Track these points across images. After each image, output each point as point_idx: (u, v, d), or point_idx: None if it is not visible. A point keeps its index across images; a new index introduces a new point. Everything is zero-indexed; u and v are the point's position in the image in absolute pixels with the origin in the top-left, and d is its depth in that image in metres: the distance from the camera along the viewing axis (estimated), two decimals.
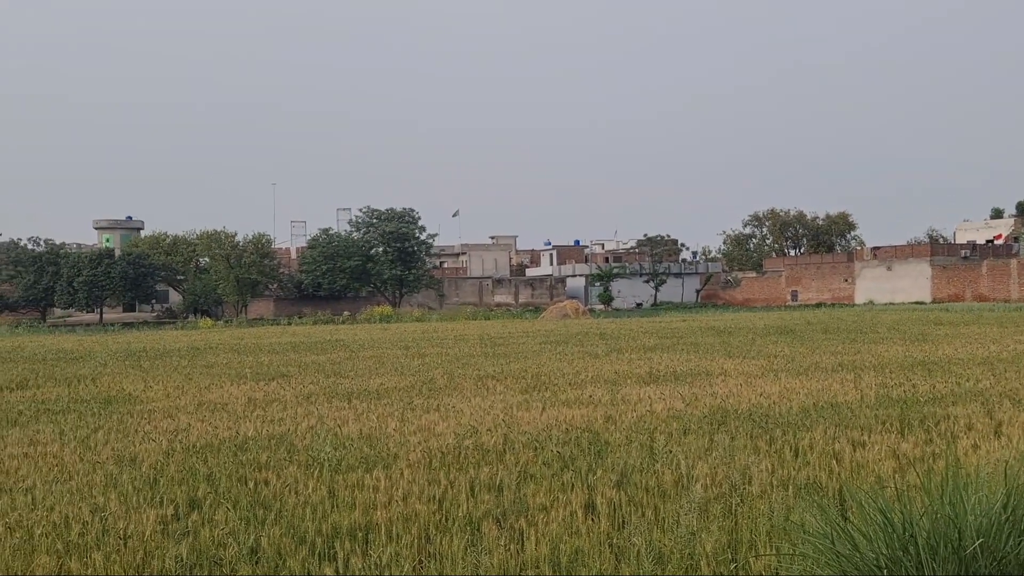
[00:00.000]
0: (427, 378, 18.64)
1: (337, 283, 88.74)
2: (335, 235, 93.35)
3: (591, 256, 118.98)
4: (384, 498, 7.78)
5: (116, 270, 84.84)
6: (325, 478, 8.62)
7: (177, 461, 9.70)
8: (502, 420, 12.01)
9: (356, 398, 15.39)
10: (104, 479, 8.84)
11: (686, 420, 11.74)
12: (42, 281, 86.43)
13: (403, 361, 24.09)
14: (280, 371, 21.59)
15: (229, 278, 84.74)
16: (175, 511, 7.48)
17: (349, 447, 10.23)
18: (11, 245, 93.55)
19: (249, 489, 8.26)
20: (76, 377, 21.11)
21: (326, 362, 24.45)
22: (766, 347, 26.36)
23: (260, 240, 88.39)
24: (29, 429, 12.52)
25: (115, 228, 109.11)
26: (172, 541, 6.67)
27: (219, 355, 28.91)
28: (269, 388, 17.36)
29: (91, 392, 17.56)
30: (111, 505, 7.65)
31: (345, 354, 27.96)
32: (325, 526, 6.99)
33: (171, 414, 13.83)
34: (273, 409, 14.12)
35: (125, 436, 11.60)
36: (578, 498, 7.59)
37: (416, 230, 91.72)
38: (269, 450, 10.21)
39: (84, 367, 24.58)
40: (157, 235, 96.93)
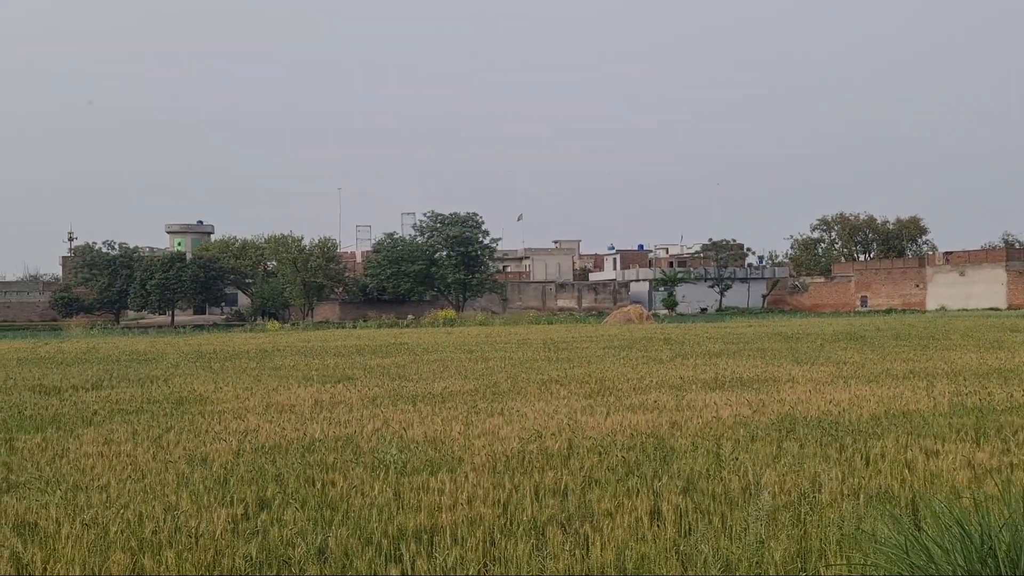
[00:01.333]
0: (491, 382, 18.68)
1: (401, 287, 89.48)
2: (400, 239, 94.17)
3: (655, 261, 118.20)
4: (449, 501, 7.81)
5: (187, 273, 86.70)
6: (391, 480, 8.68)
7: (247, 461, 9.85)
8: (566, 425, 11.98)
9: (421, 401, 15.48)
10: (176, 478, 9.01)
11: (753, 427, 11.59)
12: (116, 284, 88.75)
13: (467, 365, 24.18)
14: (346, 374, 21.82)
15: (296, 281, 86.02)
16: (245, 511, 7.59)
17: (414, 450, 10.30)
18: (86, 249, 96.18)
19: (316, 490, 8.35)
20: (149, 378, 21.58)
21: (391, 365, 24.65)
22: (835, 353, 25.90)
23: (326, 244, 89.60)
24: (104, 428, 12.82)
25: (186, 232, 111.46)
26: (242, 540, 6.77)
27: (286, 357, 29.34)
28: (335, 390, 17.56)
29: (163, 393, 17.93)
30: (183, 504, 7.80)
31: (409, 357, 28.17)
32: (391, 528, 7.03)
33: (240, 415, 14.05)
34: (339, 411, 14.27)
35: (196, 436, 11.82)
36: (644, 504, 7.53)
37: (480, 234, 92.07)
38: (336, 452, 10.32)
39: (156, 368, 25.13)
40: (227, 239, 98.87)
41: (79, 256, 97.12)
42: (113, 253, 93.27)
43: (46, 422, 13.73)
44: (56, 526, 7.10)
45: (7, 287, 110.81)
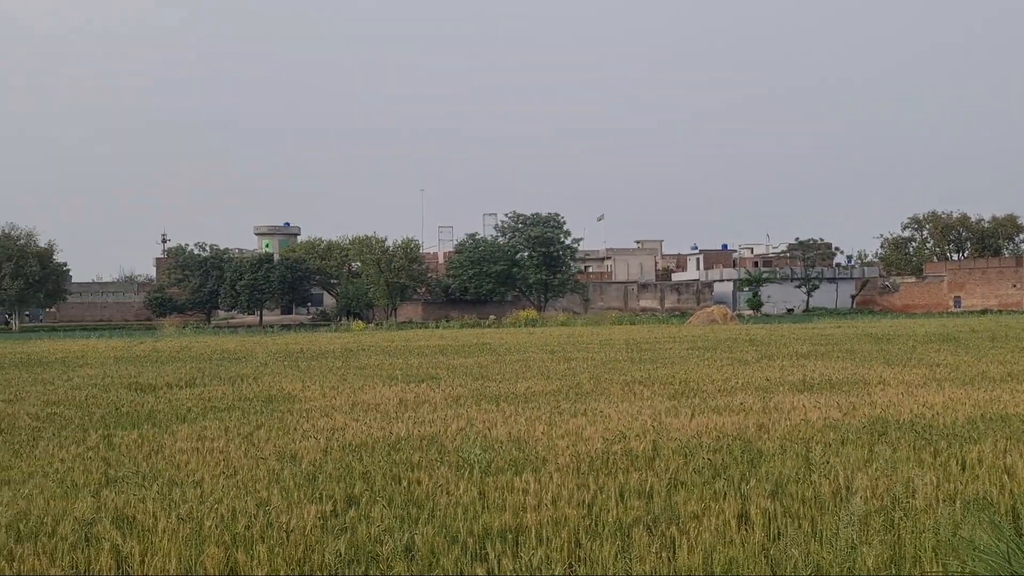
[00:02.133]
0: (573, 383, 18.65)
1: (483, 287, 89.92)
2: (481, 240, 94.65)
3: (739, 260, 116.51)
4: (534, 501, 7.82)
5: (275, 274, 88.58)
6: (475, 479, 8.73)
7: (334, 459, 10.02)
8: (650, 426, 11.89)
9: (504, 401, 15.54)
10: (267, 474, 9.21)
11: (843, 430, 11.34)
12: (207, 284, 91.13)
13: (549, 365, 24.19)
14: (429, 373, 22.02)
15: (379, 282, 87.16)
16: (333, 507, 7.72)
17: (498, 450, 10.33)
18: (179, 250, 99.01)
19: (403, 488, 8.45)
20: (239, 376, 22.11)
21: (473, 365, 24.80)
22: (927, 355, 25.19)
23: (409, 245, 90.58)
24: (197, 425, 13.17)
25: (274, 234, 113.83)
26: (331, 536, 6.88)
27: (371, 357, 29.75)
28: (419, 390, 17.73)
29: (253, 391, 18.35)
30: (274, 500, 7.96)
31: (492, 357, 28.30)
32: (476, 527, 7.07)
33: (327, 413, 14.30)
34: (423, 410, 14.41)
35: (285, 433, 12.07)
36: (731, 507, 7.43)
37: (561, 235, 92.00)
38: (421, 450, 10.42)
39: (246, 367, 25.73)
40: (312, 240, 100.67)
41: (172, 258, 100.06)
42: (204, 255, 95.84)
43: (142, 419, 14.17)
44: (153, 520, 7.31)
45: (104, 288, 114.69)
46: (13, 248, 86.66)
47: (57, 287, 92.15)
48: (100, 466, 9.98)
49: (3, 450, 11.26)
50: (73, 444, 11.55)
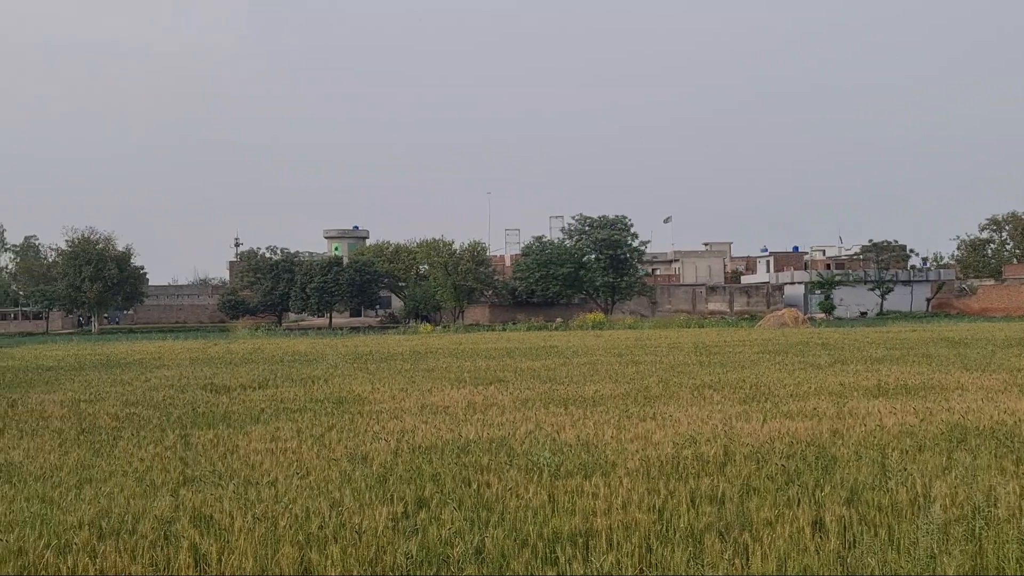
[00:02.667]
0: (642, 386, 18.53)
1: (550, 290, 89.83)
2: (548, 243, 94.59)
3: (811, 263, 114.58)
4: (604, 505, 7.79)
5: (344, 277, 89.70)
6: (545, 483, 8.73)
7: (404, 461, 10.10)
8: (721, 431, 11.76)
9: (572, 404, 15.51)
10: (339, 475, 9.33)
11: (920, 436, 11.08)
12: (278, 287, 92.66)
13: (617, 368, 24.08)
14: (497, 376, 22.08)
15: (447, 285, 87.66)
16: (404, 509, 7.79)
17: (567, 453, 10.32)
18: (251, 254, 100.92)
19: (472, 491, 8.48)
20: (310, 378, 22.44)
21: (541, 368, 24.80)
22: (1008, 360, 24.48)
23: (476, 248, 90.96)
24: (270, 426, 13.40)
25: (343, 237, 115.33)
26: (402, 537, 6.94)
27: (439, 359, 29.94)
28: (487, 392, 17.79)
29: (324, 392, 18.60)
30: (346, 500, 8.06)
31: (559, 360, 28.27)
32: (546, 530, 7.07)
33: (397, 415, 14.43)
34: (492, 413, 14.45)
35: (356, 435, 12.20)
36: (805, 514, 7.31)
37: (628, 237, 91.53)
38: (490, 453, 10.45)
39: (317, 368, 26.09)
40: (381, 244, 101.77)
41: (244, 261, 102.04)
42: (275, 258, 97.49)
43: (217, 419, 14.46)
44: (230, 519, 7.45)
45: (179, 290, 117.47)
46: (93, 252, 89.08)
47: (135, 290, 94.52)
48: (178, 465, 10.20)
49: (85, 449, 11.58)
50: (151, 444, 11.83)
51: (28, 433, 13.17)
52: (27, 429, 13.59)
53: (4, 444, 12.08)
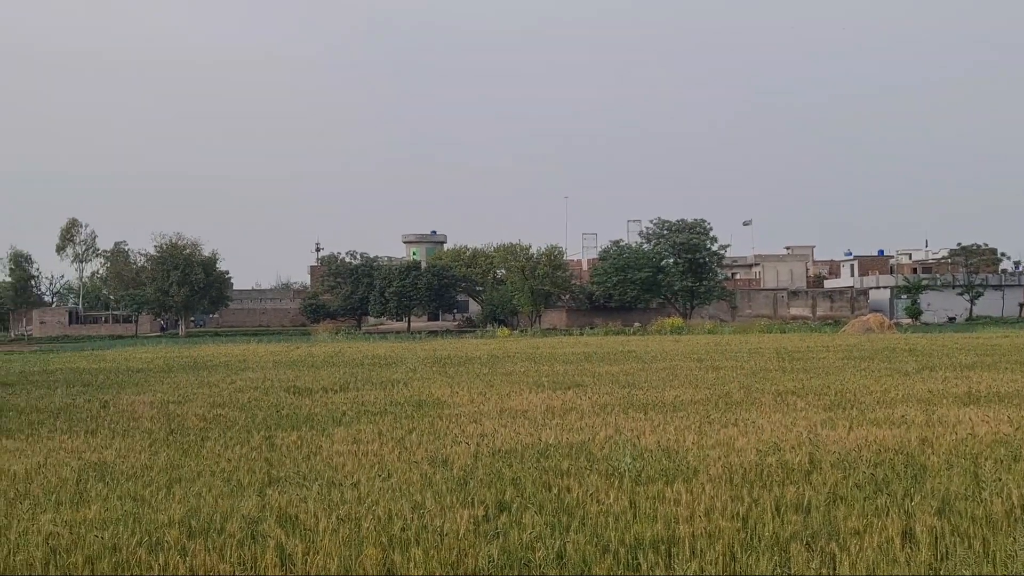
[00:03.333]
0: (723, 392, 18.29)
1: (627, 294, 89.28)
2: (625, 247, 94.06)
3: (897, 267, 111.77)
4: (686, 512, 7.70)
5: (422, 281, 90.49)
6: (626, 488, 8.67)
7: (484, 464, 10.13)
8: (806, 438, 11.54)
9: (652, 410, 15.38)
10: (420, 478, 9.40)
11: (1015, 445, 10.71)
12: (358, 291, 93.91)
13: (697, 374, 23.81)
14: (575, 380, 22.02)
15: (524, 289, 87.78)
16: (485, 512, 7.81)
17: (648, 459, 10.24)
18: (331, 259, 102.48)
19: (553, 495, 8.47)
20: (390, 381, 22.67)
21: (619, 373, 24.66)
22: None
23: (553, 252, 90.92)
24: (352, 428, 13.57)
25: (421, 242, 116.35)
26: (484, 541, 6.96)
27: (516, 363, 29.99)
28: (566, 397, 17.75)
29: (404, 395, 18.78)
30: (428, 503, 8.12)
31: (638, 365, 28.07)
32: (628, 536, 7.02)
33: (476, 419, 14.48)
34: (571, 418, 14.42)
35: (436, 438, 12.29)
36: (894, 524, 7.13)
37: (707, 241, 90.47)
38: (570, 458, 10.42)
39: (396, 372, 26.35)
40: (458, 248, 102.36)
41: (325, 265, 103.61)
42: (355, 262, 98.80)
43: (300, 421, 14.71)
44: (314, 520, 7.57)
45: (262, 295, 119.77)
46: (180, 257, 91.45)
47: (220, 294, 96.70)
48: (263, 466, 10.40)
49: (174, 449, 11.88)
50: (237, 444, 12.08)
51: (120, 433, 13.57)
52: (119, 429, 14.01)
53: (98, 444, 12.46)
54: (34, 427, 14.40)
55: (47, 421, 15.20)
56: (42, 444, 12.51)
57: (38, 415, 16.17)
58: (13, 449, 12.07)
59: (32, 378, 26.51)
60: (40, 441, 12.81)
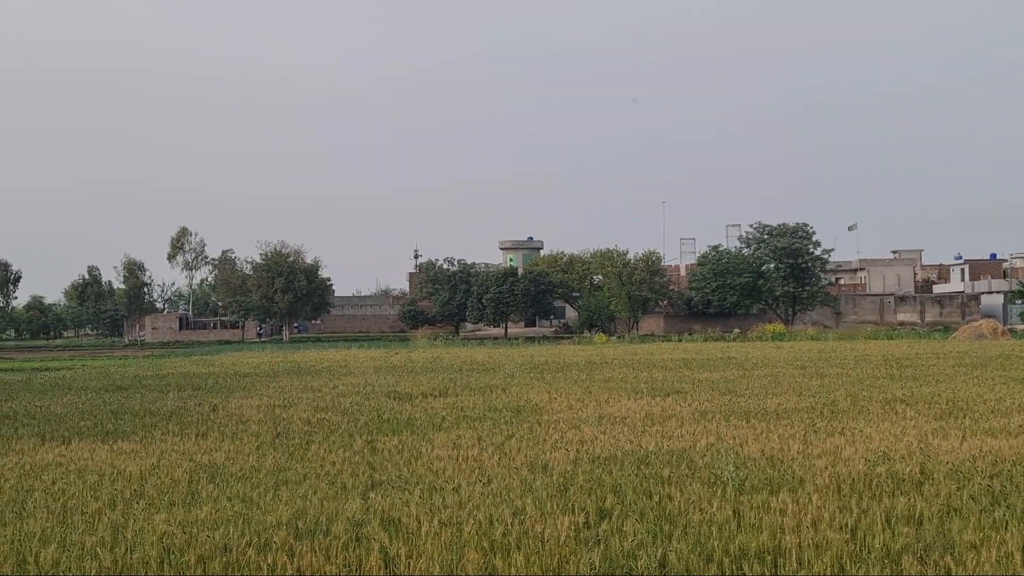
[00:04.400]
0: (828, 399, 17.84)
1: (727, 300, 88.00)
2: (725, 252, 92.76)
3: (1011, 271, 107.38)
4: (792, 522, 7.53)
5: (519, 287, 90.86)
6: (729, 497, 8.52)
7: (584, 471, 10.09)
8: (916, 448, 11.17)
9: (754, 417, 15.10)
10: (520, 484, 9.41)
11: None
12: (455, 298, 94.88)
13: (800, 381, 23.28)
14: (674, 387, 21.78)
15: (621, 295, 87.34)
16: (586, 519, 7.77)
17: (751, 467, 10.05)
18: (429, 265, 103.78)
19: (654, 503, 8.38)
20: (488, 387, 22.80)
21: (719, 379, 24.29)
22: None
23: (650, 258, 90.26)
24: (452, 433, 13.68)
25: (518, 248, 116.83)
26: (585, 548, 6.93)
27: (615, 369, 29.82)
28: (665, 404, 17.57)
29: (502, 401, 18.85)
30: (528, 509, 8.12)
31: (738, 372, 27.61)
32: (732, 546, 6.90)
33: (575, 425, 14.44)
34: (671, 425, 14.26)
35: (535, 444, 12.29)
36: (1014, 538, 6.84)
37: (810, 245, 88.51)
38: (670, 465, 10.30)
39: (494, 378, 26.49)
40: (555, 254, 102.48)
41: (423, 272, 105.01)
42: (452, 269, 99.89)
43: (401, 426, 14.90)
44: (417, 523, 7.64)
45: (362, 301, 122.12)
46: (284, 264, 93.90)
47: (322, 300, 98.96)
48: (366, 470, 10.56)
49: (280, 452, 12.17)
50: (341, 448, 12.30)
51: (229, 436, 13.96)
52: (227, 432, 14.41)
53: (208, 446, 12.85)
54: (148, 429, 14.92)
55: (160, 424, 15.74)
56: (155, 446, 12.95)
57: (152, 418, 16.76)
58: (128, 450, 12.53)
59: (145, 382, 27.52)
60: (153, 443, 13.27)
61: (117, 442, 13.45)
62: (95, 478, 10.32)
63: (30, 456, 12.19)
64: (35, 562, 6.83)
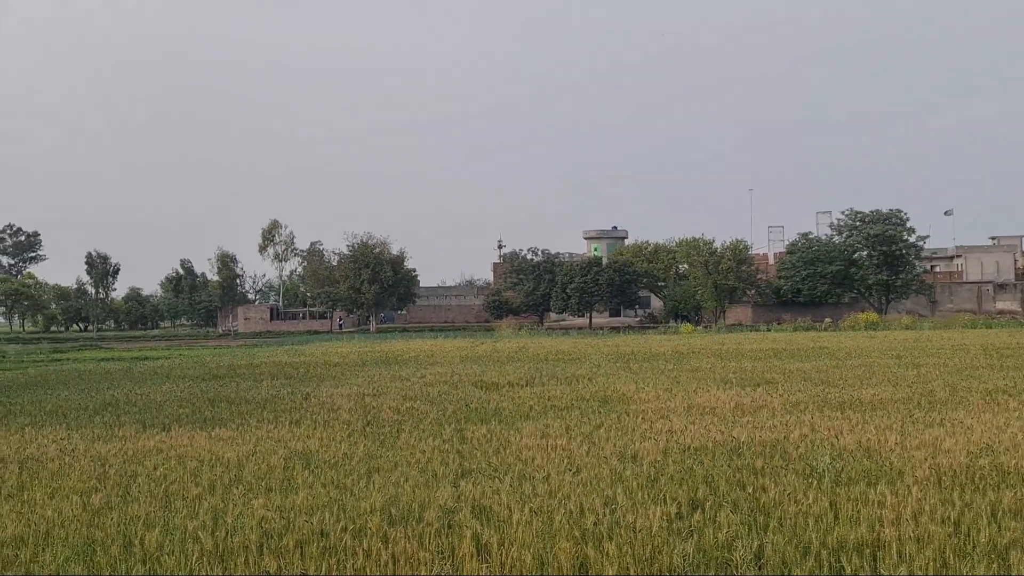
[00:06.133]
0: (925, 390, 17.33)
1: (817, 289, 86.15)
2: (815, 239, 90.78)
3: None
4: (891, 515, 7.35)
5: (603, 277, 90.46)
6: (825, 489, 8.35)
7: (675, 461, 10.00)
8: (1022, 440, 10.77)
9: (849, 408, 14.76)
10: (610, 474, 9.37)
11: None
12: (540, 288, 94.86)
13: (895, 371, 22.67)
14: (764, 377, 21.42)
15: (707, 284, 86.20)
16: (678, 510, 7.70)
17: (847, 459, 9.83)
18: (513, 256, 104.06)
19: (748, 494, 8.26)
20: (575, 377, 22.75)
21: (811, 370, 23.80)
22: None
23: (738, 246, 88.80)
24: (540, 423, 13.69)
25: (602, 238, 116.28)
26: (678, 538, 6.87)
27: (702, 360, 29.47)
28: (755, 394, 17.28)
29: (589, 391, 18.79)
30: (619, 499, 8.08)
31: (831, 362, 27.02)
32: (830, 539, 6.76)
33: (663, 415, 14.32)
34: (762, 415, 14.03)
35: (624, 434, 12.22)
36: None
37: (904, 232, 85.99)
38: (763, 456, 10.13)
39: (580, 368, 26.42)
40: (640, 244, 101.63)
41: (507, 262, 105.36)
42: (536, 259, 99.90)
43: (489, 415, 14.97)
44: (507, 512, 7.68)
45: (447, 291, 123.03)
46: (370, 256, 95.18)
47: (408, 291, 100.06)
48: (455, 458, 10.65)
49: (371, 440, 12.34)
50: (430, 436, 12.42)
51: (321, 424, 14.22)
52: (320, 420, 14.68)
53: (301, 433, 13.11)
54: (243, 417, 15.30)
55: (255, 412, 16.12)
56: (251, 433, 13.27)
57: (247, 406, 17.18)
58: (226, 437, 12.85)
59: (239, 371, 28.22)
60: (249, 430, 13.60)
61: (214, 429, 13.81)
62: (195, 464, 10.62)
63: (132, 442, 12.60)
64: (140, 544, 7.06)
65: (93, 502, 8.62)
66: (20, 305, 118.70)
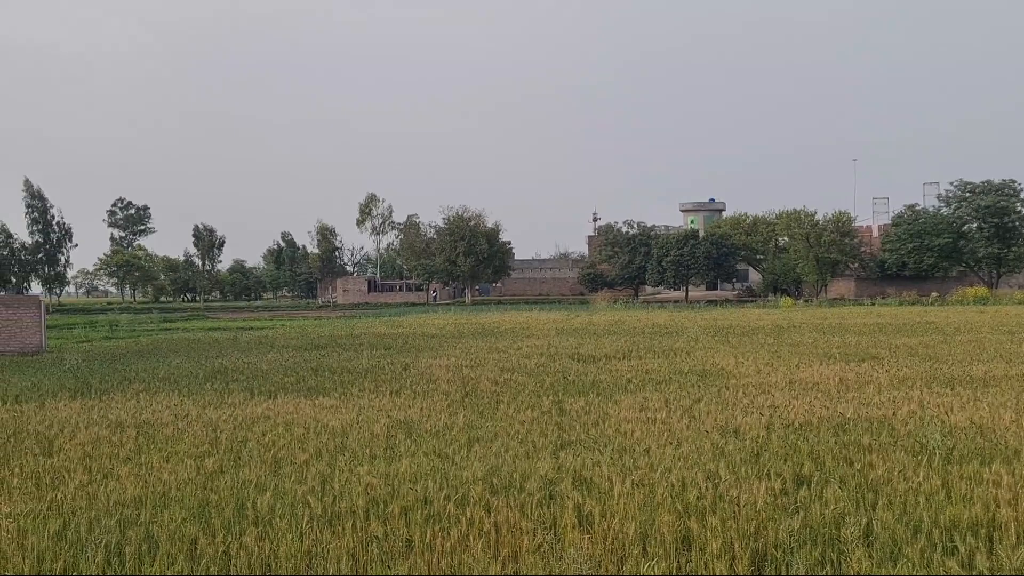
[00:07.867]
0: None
1: (923, 262, 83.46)
2: (921, 211, 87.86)
3: None
4: (1008, 495, 7.10)
5: (700, 250, 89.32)
6: (936, 467, 8.12)
7: (778, 436, 9.84)
8: None
9: (959, 385, 14.29)
10: (711, 448, 9.28)
11: None
12: (635, 261, 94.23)
13: (1009, 347, 21.84)
14: (869, 353, 20.89)
15: (808, 257, 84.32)
16: (782, 485, 7.57)
17: (959, 436, 9.54)
18: (608, 228, 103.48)
19: (855, 471, 8.08)
20: (672, 350, 22.56)
21: (918, 345, 23.11)
22: None
23: (840, 219, 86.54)
24: (638, 396, 13.63)
25: (699, 210, 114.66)
26: (784, 514, 6.76)
27: (803, 334, 28.88)
28: (860, 369, 16.87)
29: (687, 364, 18.61)
30: (721, 473, 7.99)
31: (939, 337, 26.17)
32: (942, 518, 6.58)
33: (765, 390, 14.10)
34: (868, 391, 13.69)
35: (724, 408, 12.08)
36: None
37: (1017, 203, 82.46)
38: (870, 433, 9.90)
39: (678, 341, 26.18)
40: (738, 216, 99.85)
41: (602, 235, 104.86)
42: (632, 232, 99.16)
43: (587, 387, 14.96)
44: (608, 484, 7.67)
45: (542, 264, 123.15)
46: (466, 228, 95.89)
47: (502, 264, 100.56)
48: (554, 430, 10.68)
49: (471, 411, 12.47)
50: (528, 408, 12.48)
51: (420, 394, 14.43)
52: (419, 391, 14.90)
53: (402, 403, 13.33)
54: (345, 387, 15.62)
55: (356, 381, 16.45)
56: (353, 402, 13.55)
57: (348, 375, 17.53)
58: (329, 406, 13.15)
59: (340, 341, 28.82)
60: (351, 399, 13.88)
61: (318, 398, 14.15)
62: (301, 431, 10.90)
63: (241, 409, 13.00)
64: (252, 507, 7.29)
65: (206, 466, 8.93)
66: (131, 276, 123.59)
